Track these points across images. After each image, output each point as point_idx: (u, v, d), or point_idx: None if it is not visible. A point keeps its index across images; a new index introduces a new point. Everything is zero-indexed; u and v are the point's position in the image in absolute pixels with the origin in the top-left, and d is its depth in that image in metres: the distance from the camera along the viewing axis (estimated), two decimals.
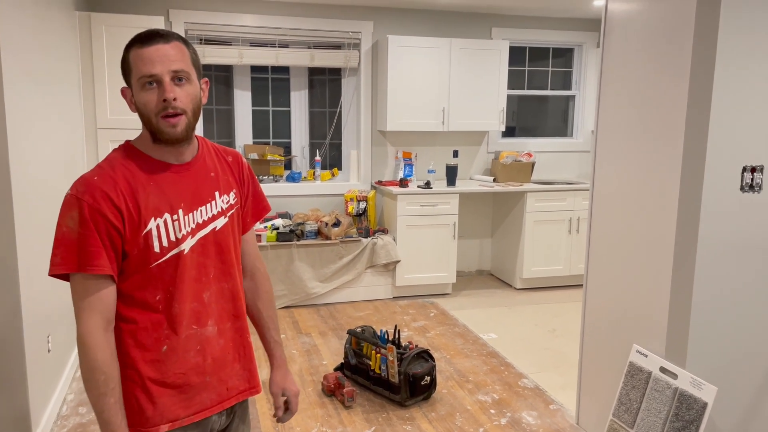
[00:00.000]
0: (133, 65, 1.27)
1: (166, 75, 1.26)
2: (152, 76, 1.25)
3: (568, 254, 5.18)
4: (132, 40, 1.29)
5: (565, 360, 3.76)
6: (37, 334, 2.71)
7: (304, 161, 5.33)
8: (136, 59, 1.26)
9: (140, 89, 1.27)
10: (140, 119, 1.31)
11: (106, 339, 1.26)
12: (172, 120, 1.27)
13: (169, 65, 1.26)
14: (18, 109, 2.56)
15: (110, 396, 1.25)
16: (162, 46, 1.26)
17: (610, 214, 2.70)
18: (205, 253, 1.36)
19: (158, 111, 1.26)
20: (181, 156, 1.35)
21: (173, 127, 1.27)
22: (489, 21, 5.36)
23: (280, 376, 1.59)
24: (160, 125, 1.27)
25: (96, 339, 1.24)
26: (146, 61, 1.25)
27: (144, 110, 1.28)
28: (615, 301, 2.67)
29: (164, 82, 1.26)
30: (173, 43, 1.28)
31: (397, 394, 3.12)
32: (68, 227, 1.24)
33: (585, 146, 5.78)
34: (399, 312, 4.59)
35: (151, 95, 1.26)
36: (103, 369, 1.24)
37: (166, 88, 1.26)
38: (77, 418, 2.96)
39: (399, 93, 4.88)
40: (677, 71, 2.28)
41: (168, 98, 1.25)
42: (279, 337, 1.60)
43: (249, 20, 4.80)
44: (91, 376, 1.24)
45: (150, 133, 1.31)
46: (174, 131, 1.28)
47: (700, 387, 2.17)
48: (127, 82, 1.31)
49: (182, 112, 1.28)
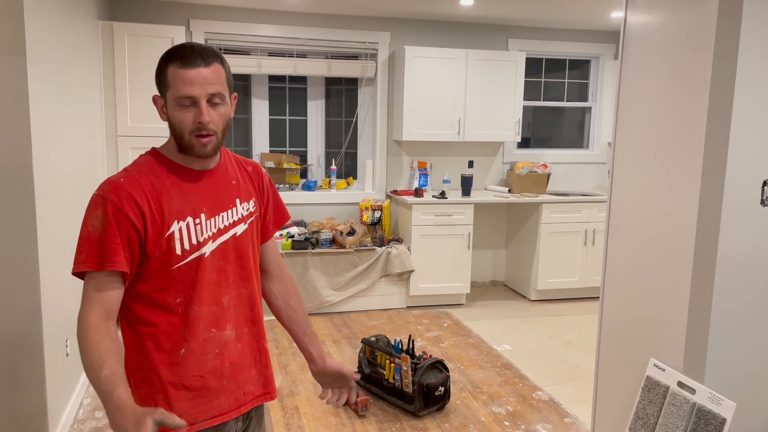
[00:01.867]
0: (171, 82, 1.30)
1: (203, 98, 1.30)
2: (190, 98, 1.29)
3: (583, 266, 5.14)
4: (171, 55, 1.31)
5: (579, 373, 3.73)
6: (55, 338, 2.74)
7: (319, 170, 5.36)
8: (175, 78, 1.29)
9: (176, 106, 1.31)
10: (170, 130, 1.35)
11: (102, 323, 1.25)
12: (204, 140, 1.32)
13: (207, 88, 1.29)
14: (42, 116, 2.61)
15: (106, 368, 1.19)
16: (202, 70, 1.29)
17: (627, 226, 2.69)
18: (225, 257, 1.39)
19: (192, 130, 1.31)
20: (205, 164, 1.39)
21: (204, 146, 1.33)
22: (506, 32, 5.38)
23: (321, 363, 1.61)
24: (192, 142, 1.32)
25: (90, 322, 1.25)
26: (186, 82, 1.28)
27: (177, 126, 1.32)
28: (632, 314, 2.65)
29: (201, 105, 1.30)
30: (213, 66, 1.31)
31: (411, 404, 3.11)
32: (93, 226, 1.27)
33: (601, 158, 5.76)
34: (413, 322, 4.58)
35: (186, 114, 1.30)
36: (96, 346, 1.21)
37: (202, 111, 1.30)
38: (93, 422, 2.98)
39: (415, 103, 4.90)
40: (697, 84, 2.27)
41: (204, 121, 1.30)
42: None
43: (268, 30, 4.85)
44: (85, 354, 1.22)
45: (179, 145, 1.35)
46: (204, 150, 1.33)
47: (719, 402, 2.15)
48: (161, 92, 1.34)
49: (213, 133, 1.33)
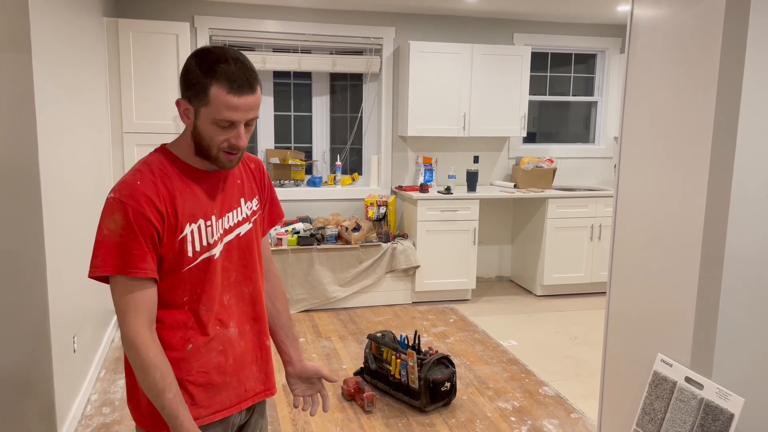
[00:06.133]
0: (213, 102, 1.26)
1: (242, 123, 1.30)
2: (232, 123, 1.29)
3: (589, 261, 5.13)
4: (216, 72, 1.25)
5: (586, 368, 3.72)
6: (63, 334, 2.75)
7: (324, 166, 5.35)
8: (219, 100, 1.25)
9: (211, 123, 1.28)
10: (193, 136, 1.32)
11: (152, 337, 1.28)
12: (232, 157, 1.33)
13: (248, 114, 1.29)
14: (48, 113, 2.61)
15: (168, 391, 1.26)
16: (249, 99, 1.28)
17: (634, 221, 2.68)
18: (229, 257, 1.40)
19: (223, 148, 1.31)
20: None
21: (231, 162, 1.34)
22: (511, 27, 5.35)
23: (300, 366, 1.60)
24: (220, 157, 1.32)
25: (144, 338, 1.26)
26: (231, 109, 1.26)
27: (207, 140, 1.30)
28: (639, 309, 2.64)
29: (239, 129, 1.30)
30: (257, 93, 1.30)
31: (417, 400, 3.11)
32: (110, 230, 1.25)
33: (607, 153, 5.73)
34: (418, 317, 4.58)
35: (222, 133, 1.29)
36: (157, 366, 1.26)
37: (240, 135, 1.30)
38: (101, 418, 3.00)
39: (420, 98, 4.89)
40: (705, 78, 2.26)
41: (240, 146, 1.31)
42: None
43: (272, 26, 4.85)
44: (147, 375, 1.26)
45: (200, 152, 1.33)
46: (231, 165, 1.35)
47: (727, 398, 2.14)
48: (191, 100, 1.28)
49: (241, 150, 1.34)
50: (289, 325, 1.61)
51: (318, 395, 1.62)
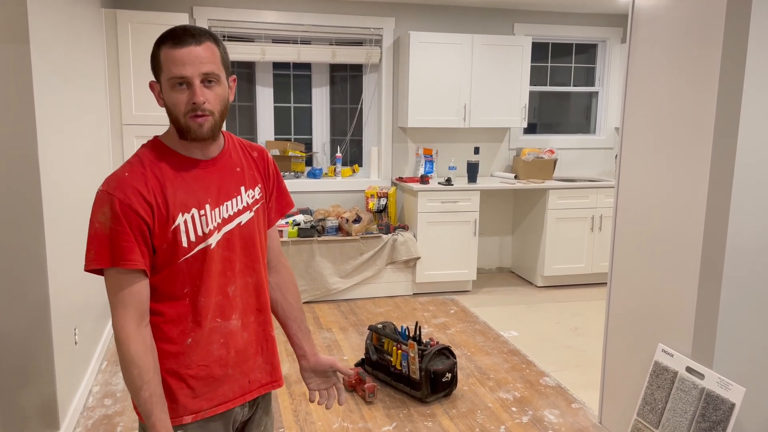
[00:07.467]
0: (163, 64, 1.28)
1: (197, 78, 1.27)
2: (183, 78, 1.27)
3: (590, 252, 5.13)
4: (163, 37, 1.29)
5: (586, 358, 3.73)
6: (64, 326, 2.75)
7: (325, 157, 5.34)
8: (167, 59, 1.27)
9: (170, 89, 1.28)
10: (168, 115, 1.33)
11: (139, 332, 1.28)
12: (200, 120, 1.29)
13: (200, 68, 1.27)
14: (46, 105, 2.60)
15: (145, 390, 1.27)
16: (194, 49, 1.26)
17: (636, 211, 2.67)
18: (230, 247, 1.38)
19: (187, 111, 1.28)
20: (208, 151, 1.37)
21: (200, 126, 1.30)
22: (511, 16, 5.32)
23: (314, 359, 1.58)
24: (189, 124, 1.29)
25: (128, 332, 1.27)
26: (177, 62, 1.26)
27: (173, 109, 1.30)
28: (640, 300, 2.64)
29: (194, 85, 1.27)
30: (205, 45, 1.28)
31: (418, 391, 3.12)
32: (100, 223, 1.27)
33: (608, 143, 5.72)
34: (419, 309, 4.58)
35: (180, 96, 1.28)
36: (136, 362, 1.26)
37: (195, 92, 1.27)
38: (103, 410, 3.01)
39: (420, 89, 4.87)
40: (707, 68, 2.24)
41: (198, 102, 1.27)
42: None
43: (271, 17, 4.82)
44: (126, 370, 1.27)
45: (177, 130, 1.32)
46: (201, 130, 1.30)
47: (728, 387, 2.14)
48: (156, 77, 1.32)
49: (210, 114, 1.30)
50: (302, 318, 1.58)
51: (333, 388, 1.60)
